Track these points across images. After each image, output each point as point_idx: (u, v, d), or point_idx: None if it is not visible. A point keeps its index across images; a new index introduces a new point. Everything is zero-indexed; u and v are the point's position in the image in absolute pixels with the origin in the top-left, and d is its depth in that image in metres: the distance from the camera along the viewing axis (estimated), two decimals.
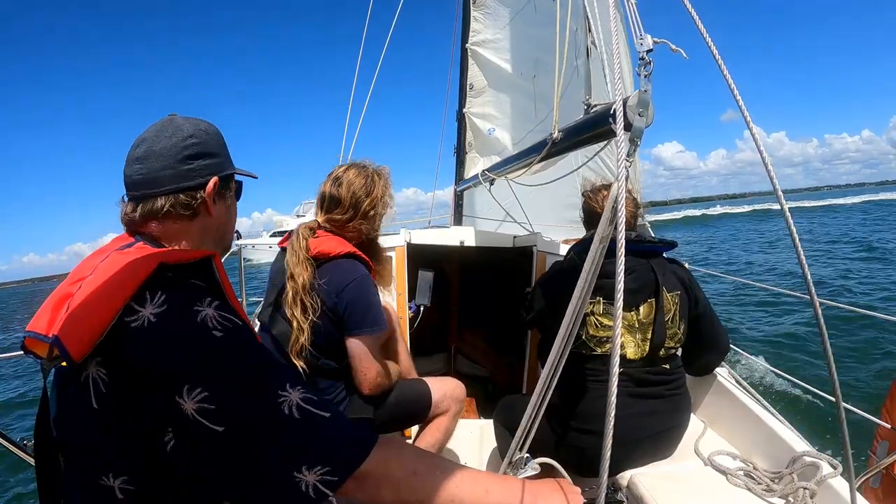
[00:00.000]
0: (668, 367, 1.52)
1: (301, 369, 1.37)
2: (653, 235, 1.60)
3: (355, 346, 1.42)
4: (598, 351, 1.45)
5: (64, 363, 0.64)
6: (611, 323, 1.44)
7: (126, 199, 0.82)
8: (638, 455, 1.50)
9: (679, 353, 1.58)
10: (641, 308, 1.47)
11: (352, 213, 1.48)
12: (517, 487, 0.76)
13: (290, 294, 1.36)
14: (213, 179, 0.84)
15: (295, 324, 1.35)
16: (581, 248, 1.56)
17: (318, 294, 1.38)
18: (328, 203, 1.50)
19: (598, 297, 1.47)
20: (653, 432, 1.48)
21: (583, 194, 1.73)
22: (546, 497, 0.77)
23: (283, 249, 1.48)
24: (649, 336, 1.46)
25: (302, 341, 1.36)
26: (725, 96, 0.75)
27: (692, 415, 1.92)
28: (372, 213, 1.50)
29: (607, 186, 1.66)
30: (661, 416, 1.49)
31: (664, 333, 1.47)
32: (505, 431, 1.72)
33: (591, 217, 1.70)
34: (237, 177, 0.94)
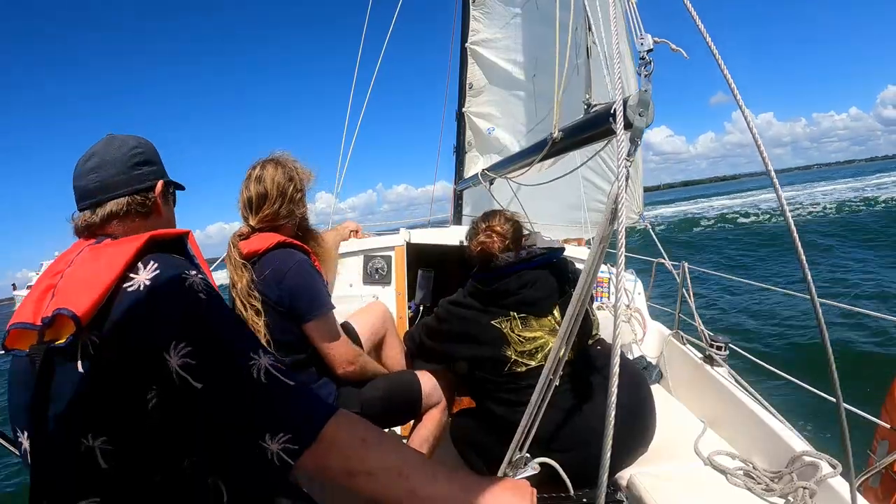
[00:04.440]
0: (600, 347, 1.51)
1: None
2: (543, 248, 1.56)
3: (313, 331, 1.45)
4: (533, 363, 1.42)
5: (59, 341, 0.69)
6: (533, 334, 1.42)
7: (79, 210, 0.89)
8: (627, 452, 1.46)
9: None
10: (555, 311, 1.46)
11: (280, 201, 1.54)
12: (470, 483, 0.77)
13: (238, 302, 1.39)
14: (160, 182, 0.94)
15: (252, 327, 1.36)
16: (481, 276, 1.52)
17: (261, 291, 1.41)
18: (257, 203, 1.54)
19: (510, 314, 1.44)
20: (625, 415, 1.42)
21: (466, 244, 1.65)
22: (496, 495, 0.76)
23: None
24: (575, 332, 1.46)
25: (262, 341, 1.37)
26: (714, 79, 0.74)
27: (693, 415, 1.92)
28: (299, 195, 1.58)
29: (487, 217, 1.59)
30: (623, 392, 1.43)
31: (591, 322, 1.49)
32: (464, 447, 1.69)
33: (477, 262, 1.59)
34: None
